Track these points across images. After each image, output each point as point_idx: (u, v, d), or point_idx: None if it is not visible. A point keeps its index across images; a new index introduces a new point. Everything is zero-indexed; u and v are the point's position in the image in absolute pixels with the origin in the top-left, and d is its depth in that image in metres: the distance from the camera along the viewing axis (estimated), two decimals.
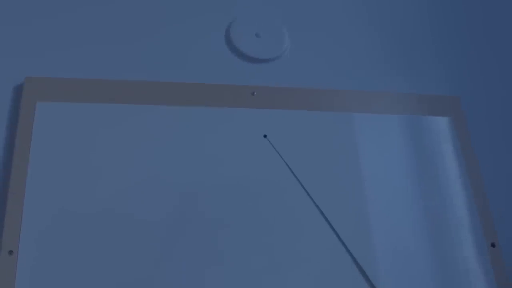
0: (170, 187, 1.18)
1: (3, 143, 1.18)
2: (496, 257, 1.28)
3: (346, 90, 1.41)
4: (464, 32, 1.62)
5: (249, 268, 1.14)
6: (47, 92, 1.23)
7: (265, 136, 1.29)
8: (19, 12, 1.35)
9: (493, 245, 1.29)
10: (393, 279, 1.20)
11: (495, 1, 1.69)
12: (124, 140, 1.21)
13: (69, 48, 1.33)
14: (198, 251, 1.13)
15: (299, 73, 1.42)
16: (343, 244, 1.21)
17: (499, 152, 1.45)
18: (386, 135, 1.38)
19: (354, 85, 1.44)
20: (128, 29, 1.38)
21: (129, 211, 1.14)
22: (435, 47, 1.58)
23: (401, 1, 1.62)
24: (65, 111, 1.21)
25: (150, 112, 1.25)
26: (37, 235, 1.08)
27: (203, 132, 1.26)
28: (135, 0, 1.42)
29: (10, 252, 1.05)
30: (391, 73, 1.50)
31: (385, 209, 1.27)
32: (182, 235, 1.14)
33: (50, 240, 1.08)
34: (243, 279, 1.13)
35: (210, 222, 1.17)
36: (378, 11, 1.59)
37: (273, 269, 1.15)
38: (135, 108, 1.25)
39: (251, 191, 1.22)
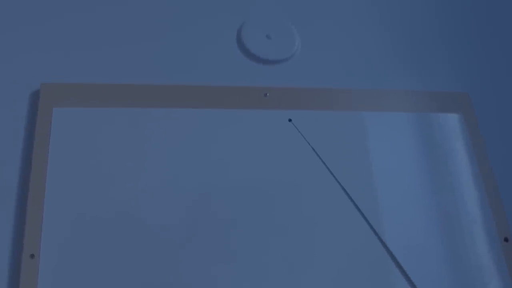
0: (184, 189, 1.20)
1: (22, 149, 1.20)
2: (509, 252, 1.29)
3: (357, 89, 1.42)
4: (472, 29, 1.63)
5: (263, 269, 1.15)
6: (63, 97, 1.25)
7: (290, 120, 1.31)
8: (34, 18, 1.36)
9: (506, 239, 1.30)
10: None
11: None
12: (139, 144, 1.23)
13: (83, 53, 1.34)
14: (212, 253, 1.14)
15: (310, 73, 1.43)
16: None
17: (509, 148, 1.46)
18: (397, 132, 1.38)
19: (364, 83, 1.45)
20: (140, 32, 1.40)
21: (144, 215, 1.15)
22: (444, 44, 1.58)
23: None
24: (81, 116, 1.23)
25: (164, 115, 1.27)
26: (57, 238, 1.10)
27: (216, 134, 1.27)
28: (147, 4, 1.44)
29: (32, 256, 1.07)
30: (401, 71, 1.51)
31: (397, 206, 1.29)
32: (196, 237, 1.15)
33: (70, 244, 1.10)
34: (257, 281, 1.14)
35: (223, 224, 1.18)
36: (387, 10, 1.59)
37: (287, 270, 1.16)
38: (149, 111, 1.27)
39: (264, 192, 1.23)
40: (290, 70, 1.42)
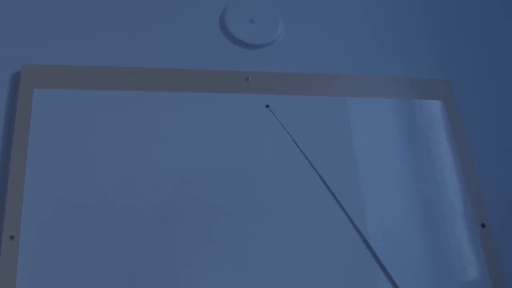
0: (164, 173, 1.20)
1: (2, 131, 1.20)
2: (486, 238, 1.31)
3: (339, 75, 1.42)
4: (455, 18, 1.64)
5: (242, 254, 1.16)
6: (44, 79, 1.24)
7: (267, 106, 1.32)
8: (15, 0, 1.35)
9: (483, 225, 1.32)
10: (385, 260, 1.22)
11: None
12: (120, 127, 1.23)
13: (65, 36, 1.34)
14: (192, 238, 1.15)
15: (293, 59, 1.43)
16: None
17: (488, 135, 1.47)
18: (379, 118, 1.39)
19: (347, 70, 1.45)
20: (123, 16, 1.39)
21: (125, 198, 1.16)
22: (426, 32, 1.59)
23: None
24: (62, 98, 1.23)
25: (146, 98, 1.27)
26: (38, 220, 1.10)
27: (197, 118, 1.27)
28: None
29: (12, 237, 1.07)
30: (384, 57, 1.51)
31: (378, 191, 1.30)
32: (176, 221, 1.16)
33: (51, 226, 1.10)
34: (235, 265, 1.15)
35: (203, 208, 1.18)
36: None
37: (265, 255, 1.17)
38: (130, 94, 1.27)
39: (244, 177, 1.24)
40: (272, 55, 1.42)
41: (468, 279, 1.26)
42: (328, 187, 1.26)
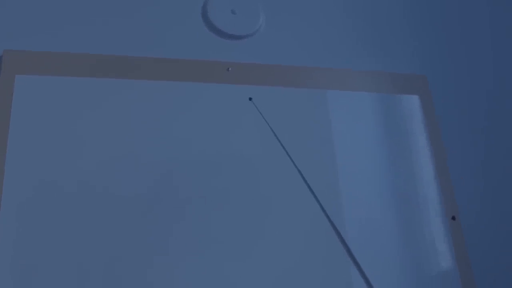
0: (145, 161, 1.22)
1: None
2: (456, 230, 1.35)
3: (319, 68, 1.44)
4: (433, 13, 1.66)
5: (222, 243, 1.19)
6: (26, 65, 1.25)
7: (250, 99, 1.33)
8: None
9: (453, 218, 1.36)
10: (358, 251, 1.25)
11: None
12: (102, 115, 1.24)
13: (48, 22, 1.34)
14: (173, 226, 1.17)
15: (273, 51, 1.44)
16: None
17: (463, 130, 1.51)
18: (358, 111, 1.42)
19: (327, 63, 1.47)
20: (105, 4, 1.39)
21: (106, 185, 1.18)
22: (404, 27, 1.61)
23: None
24: (44, 84, 1.24)
25: (127, 86, 1.28)
26: (17, 202, 1.12)
27: (178, 107, 1.29)
28: None
29: None
30: (362, 51, 1.53)
31: (354, 183, 1.33)
32: (158, 210, 1.18)
33: (30, 208, 1.12)
34: (215, 253, 1.18)
35: (185, 197, 1.21)
36: None
37: (244, 244, 1.20)
38: (112, 82, 1.28)
39: (224, 166, 1.26)
40: (253, 46, 1.44)
41: (438, 269, 1.30)
42: (304, 179, 1.29)
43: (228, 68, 1.36)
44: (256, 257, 1.19)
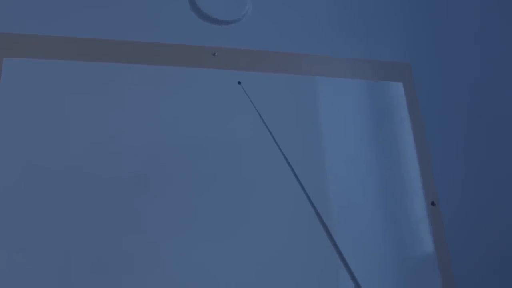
0: (132, 144, 1.23)
1: None
2: (435, 215, 1.38)
3: (304, 54, 1.46)
4: (419, 2, 1.67)
5: (205, 224, 1.21)
6: (13, 48, 1.25)
7: (239, 82, 1.35)
8: None
9: (433, 203, 1.39)
10: (342, 232, 1.29)
11: None
12: (89, 98, 1.25)
13: (36, 6, 1.33)
14: (160, 205, 1.20)
15: (259, 36, 1.45)
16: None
17: (446, 117, 1.53)
18: (344, 97, 1.44)
19: (313, 49, 1.48)
20: None
21: (94, 167, 1.19)
22: (389, 15, 1.62)
23: None
24: (31, 67, 1.24)
25: (114, 70, 1.29)
26: (4, 186, 1.13)
27: (165, 91, 1.30)
28: None
29: None
30: (348, 39, 1.54)
31: (339, 167, 1.36)
32: (144, 190, 1.20)
33: (17, 190, 1.13)
34: (199, 234, 1.20)
35: (170, 178, 1.23)
36: None
37: (227, 225, 1.23)
38: (99, 66, 1.28)
39: (210, 150, 1.28)
40: (240, 32, 1.44)
41: (417, 253, 1.34)
42: (289, 164, 1.31)
43: (215, 53, 1.37)
44: (238, 239, 1.22)
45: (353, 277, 1.24)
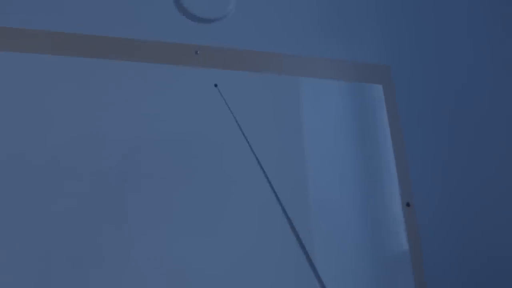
0: (113, 140, 1.24)
1: None
2: (410, 216, 1.41)
3: (287, 54, 1.47)
4: (402, 4, 1.69)
5: (181, 221, 1.23)
6: None
7: (215, 85, 1.36)
8: None
9: (408, 204, 1.42)
10: (318, 229, 1.32)
11: None
12: (70, 93, 1.25)
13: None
14: (137, 200, 1.21)
15: (242, 35, 1.47)
16: (278, 198, 1.31)
17: (423, 119, 1.56)
18: (324, 98, 1.46)
19: (294, 50, 1.50)
20: None
21: (73, 162, 1.20)
22: (371, 17, 1.64)
23: None
24: (11, 60, 1.24)
25: (96, 65, 1.29)
26: None
27: (146, 88, 1.31)
28: None
29: None
30: (330, 40, 1.56)
31: (317, 165, 1.38)
32: (123, 184, 1.21)
33: None
34: (174, 230, 1.22)
35: (148, 173, 1.24)
36: None
37: (203, 222, 1.24)
38: (80, 61, 1.29)
39: (188, 147, 1.29)
40: (223, 30, 1.45)
41: (390, 253, 1.36)
42: (260, 164, 1.33)
43: (197, 51, 1.38)
44: (214, 234, 1.23)
45: (318, 277, 1.27)
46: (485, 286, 1.43)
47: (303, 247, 1.29)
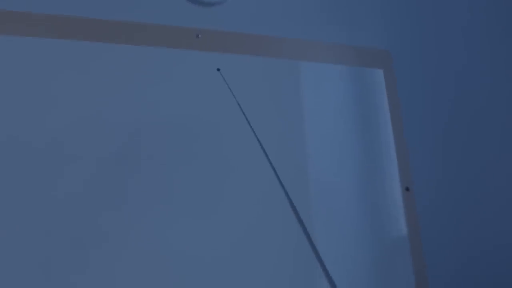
0: (113, 123, 1.24)
1: None
2: (409, 200, 1.42)
3: (288, 38, 1.47)
4: None
5: (183, 200, 1.24)
6: None
7: (218, 69, 1.36)
8: None
9: (407, 189, 1.43)
10: (318, 212, 1.33)
11: None
12: (71, 76, 1.25)
13: None
14: (138, 182, 1.21)
15: (243, 19, 1.46)
16: (279, 179, 1.32)
17: (424, 104, 1.56)
18: (325, 82, 1.46)
19: (295, 34, 1.50)
20: None
21: (74, 145, 1.20)
22: (373, 2, 1.64)
23: None
24: (11, 44, 1.23)
25: (96, 49, 1.29)
26: None
27: (148, 71, 1.31)
28: None
29: None
30: (331, 25, 1.56)
31: (318, 149, 1.39)
32: (124, 167, 1.21)
33: None
34: (175, 210, 1.22)
35: (149, 156, 1.24)
36: None
37: (202, 205, 1.25)
38: (81, 44, 1.28)
39: (189, 130, 1.29)
40: (224, 14, 1.45)
41: (389, 237, 1.37)
42: (262, 147, 1.34)
43: (198, 35, 1.38)
44: (214, 217, 1.24)
45: (321, 262, 1.28)
46: (483, 271, 1.44)
47: (304, 229, 1.30)
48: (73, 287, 1.11)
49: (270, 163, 1.32)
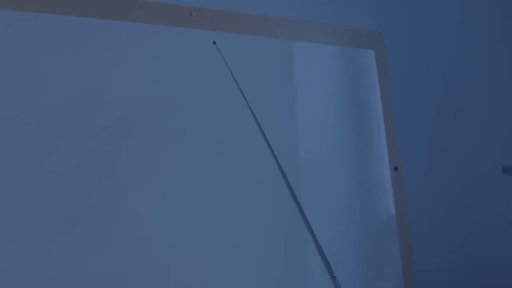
0: (106, 100, 1.25)
1: None
2: (397, 180, 1.45)
3: (280, 18, 1.48)
4: None
5: (173, 178, 1.25)
6: None
7: (214, 42, 1.37)
8: None
9: (395, 168, 1.45)
10: (308, 191, 1.35)
11: None
12: (64, 53, 1.25)
13: None
14: (129, 158, 1.23)
15: None
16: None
17: (414, 87, 1.58)
18: (317, 62, 1.47)
19: (288, 13, 1.50)
20: None
21: (68, 122, 1.21)
22: None
23: None
24: (5, 18, 1.23)
25: (89, 25, 1.29)
26: None
27: (141, 48, 1.31)
28: None
29: None
30: (324, 4, 1.56)
31: (308, 128, 1.40)
32: (116, 143, 1.23)
33: None
34: (164, 185, 1.24)
35: (141, 132, 1.25)
36: None
37: (193, 181, 1.26)
38: (75, 20, 1.28)
39: (181, 107, 1.30)
40: None
41: (377, 216, 1.40)
42: (258, 124, 1.35)
43: (192, 13, 1.38)
44: (205, 192, 1.26)
45: (314, 238, 1.31)
46: (470, 252, 1.47)
47: (298, 204, 1.32)
48: (64, 259, 1.13)
49: (265, 138, 1.34)
